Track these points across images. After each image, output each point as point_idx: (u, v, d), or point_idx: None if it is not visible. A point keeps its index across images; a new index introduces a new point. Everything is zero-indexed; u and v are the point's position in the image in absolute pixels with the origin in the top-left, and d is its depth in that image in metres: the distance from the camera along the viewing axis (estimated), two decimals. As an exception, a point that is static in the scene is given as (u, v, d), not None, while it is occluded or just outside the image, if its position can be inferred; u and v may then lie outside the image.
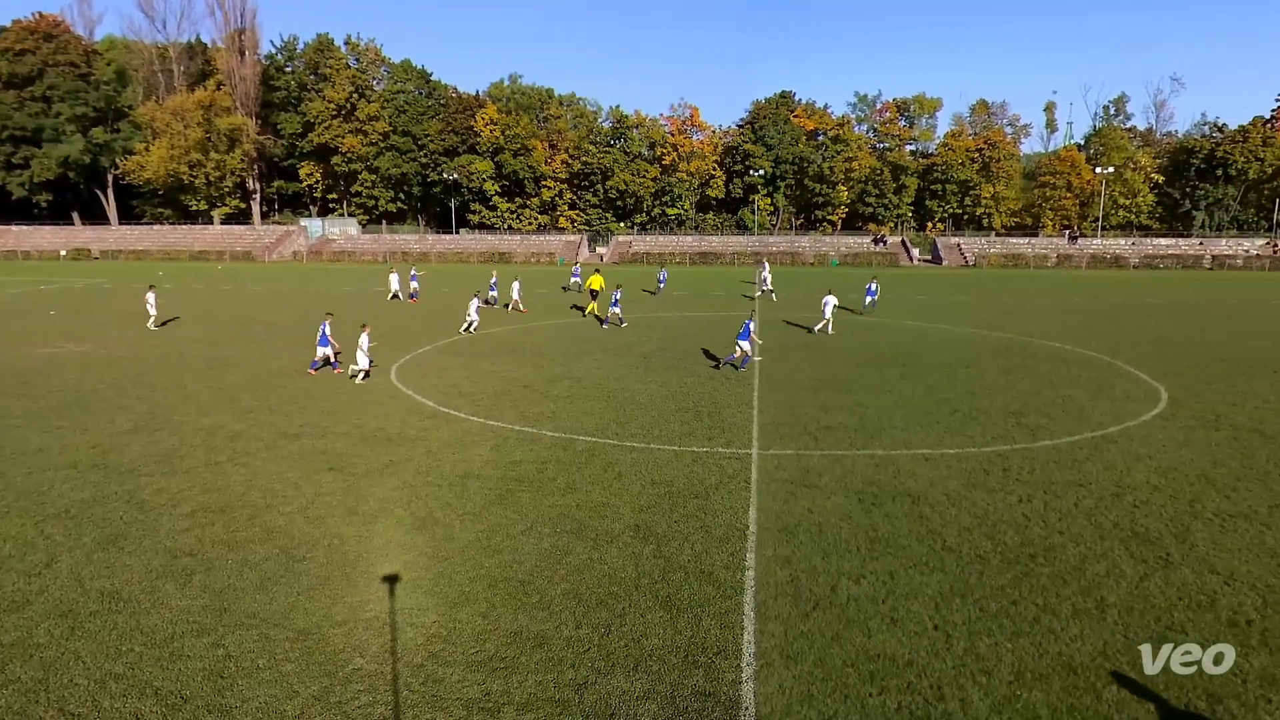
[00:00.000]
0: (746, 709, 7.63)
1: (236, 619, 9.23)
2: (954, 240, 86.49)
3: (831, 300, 31.84)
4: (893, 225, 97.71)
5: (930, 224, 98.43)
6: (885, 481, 13.81)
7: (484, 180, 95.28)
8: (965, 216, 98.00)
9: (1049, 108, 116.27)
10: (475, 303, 31.92)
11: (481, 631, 8.97)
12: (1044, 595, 9.74)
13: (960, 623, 9.10)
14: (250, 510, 12.48)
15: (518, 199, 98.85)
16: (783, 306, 41.08)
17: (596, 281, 37.94)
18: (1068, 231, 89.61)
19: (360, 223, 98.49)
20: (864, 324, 34.30)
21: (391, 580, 10.13)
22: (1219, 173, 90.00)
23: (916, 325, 33.87)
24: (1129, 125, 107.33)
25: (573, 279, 49.41)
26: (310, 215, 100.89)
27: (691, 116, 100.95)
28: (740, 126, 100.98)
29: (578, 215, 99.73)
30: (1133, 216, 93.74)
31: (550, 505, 12.68)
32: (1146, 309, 40.80)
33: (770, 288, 47.26)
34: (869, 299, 38.33)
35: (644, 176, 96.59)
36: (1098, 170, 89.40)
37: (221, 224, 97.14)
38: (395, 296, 44.28)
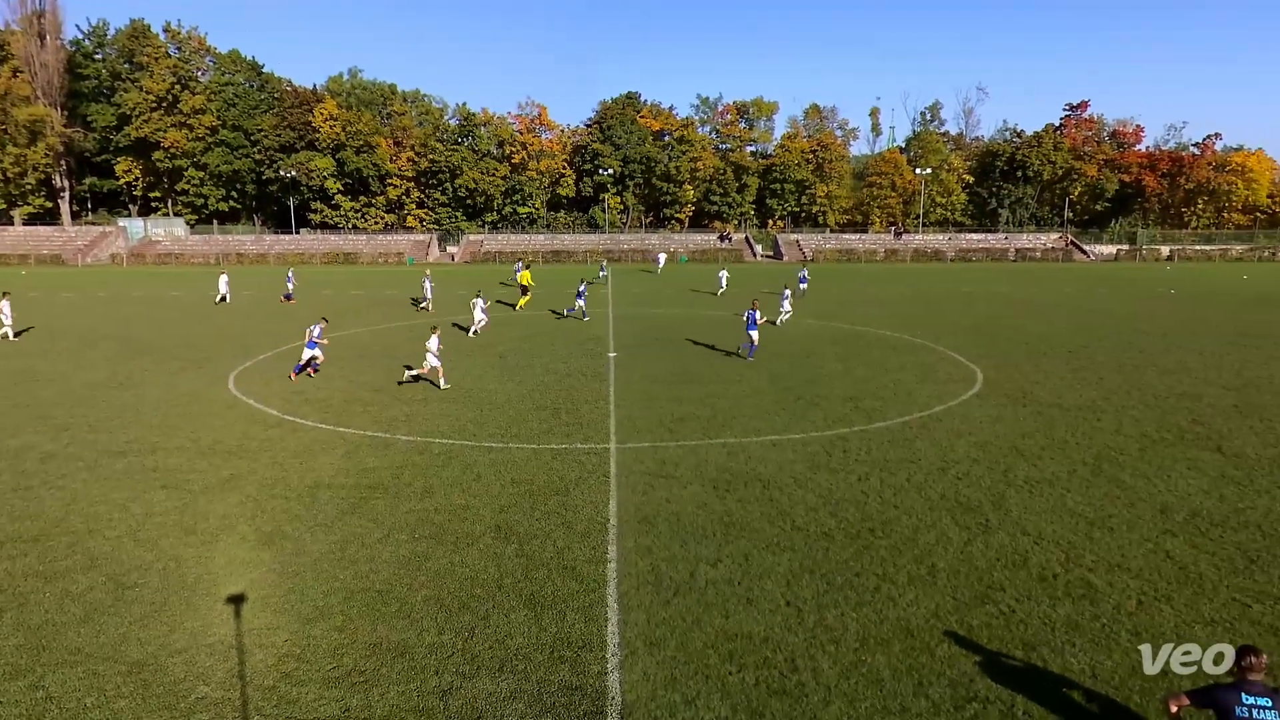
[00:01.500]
0: (613, 699, 7.71)
1: (58, 656, 8.37)
2: (793, 237, 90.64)
3: (789, 293, 33.47)
4: (737, 223, 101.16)
5: (771, 221, 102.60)
6: (737, 468, 14.30)
7: (325, 178, 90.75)
8: (803, 214, 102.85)
9: (874, 113, 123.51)
10: (480, 302, 30.71)
11: (338, 646, 8.58)
12: (883, 565, 10.41)
13: (810, 597, 9.57)
14: (70, 537, 11.34)
15: (362, 197, 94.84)
16: (655, 302, 41.62)
17: (525, 277, 39.70)
18: (893, 228, 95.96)
19: (188, 223, 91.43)
20: (714, 319, 35.32)
21: (237, 600, 9.50)
22: (1019, 174, 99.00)
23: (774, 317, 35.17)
24: (943, 130, 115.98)
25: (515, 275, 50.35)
26: (130, 215, 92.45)
27: (540, 115, 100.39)
28: (588, 126, 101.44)
29: (426, 214, 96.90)
30: (949, 214, 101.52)
31: (407, 511, 12.28)
32: (963, 298, 44.32)
33: (724, 288, 47.68)
34: (802, 285, 43.55)
35: (493, 175, 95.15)
36: (917, 171, 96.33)
37: (24, 225, 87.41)
38: (224, 300, 41.87)
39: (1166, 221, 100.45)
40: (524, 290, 38.88)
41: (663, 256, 70.79)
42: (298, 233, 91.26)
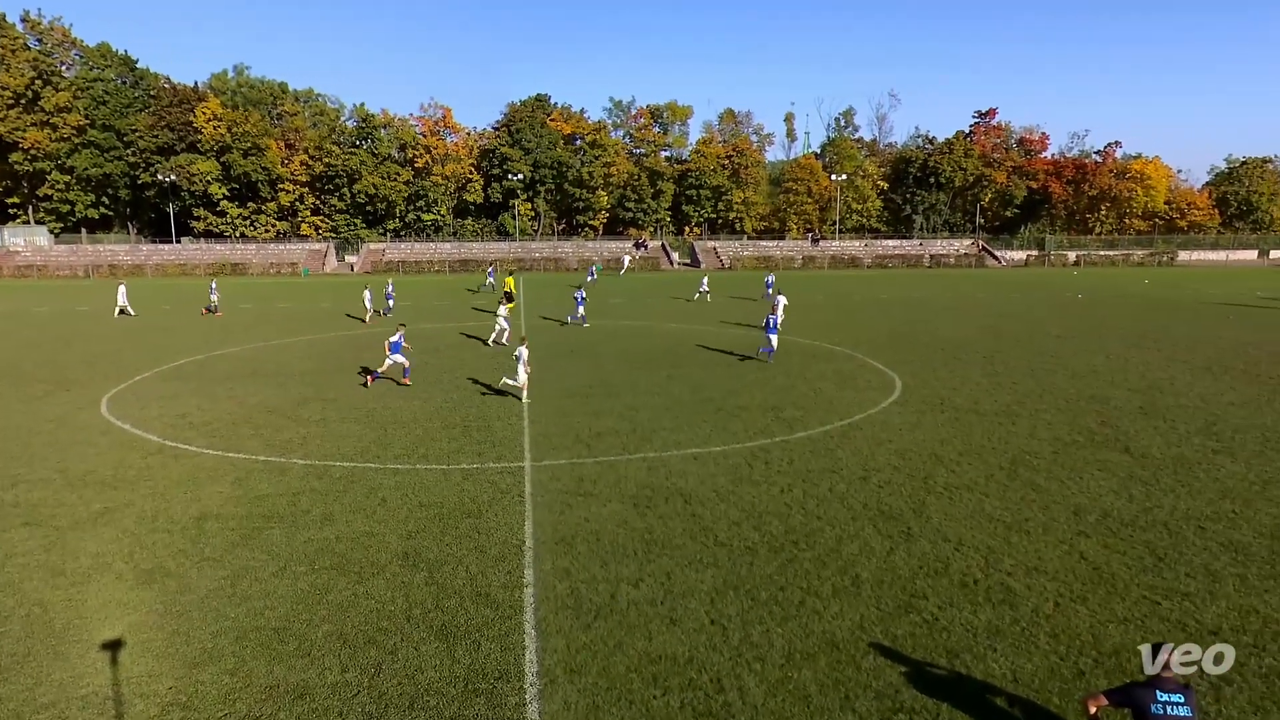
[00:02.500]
0: (532, 731, 7.60)
1: (-99, 720, 7.73)
2: (710, 244, 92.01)
3: (782, 300, 33.98)
4: (652, 230, 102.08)
5: (688, 228, 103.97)
6: (658, 483, 14.37)
7: (208, 183, 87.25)
8: (719, 221, 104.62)
9: (789, 118, 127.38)
10: (504, 309, 31.01)
11: (230, 691, 8.19)
12: (807, 578, 10.61)
13: (734, 614, 9.67)
14: (-85, 584, 10.50)
15: (251, 204, 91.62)
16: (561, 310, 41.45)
17: (510, 284, 41.91)
18: (810, 234, 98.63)
19: (52, 231, 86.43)
20: (631, 328, 35.47)
21: (113, 647, 8.97)
22: (932, 180, 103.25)
23: (680, 328, 35.57)
24: (857, 136, 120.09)
25: (488, 280, 54.83)
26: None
27: (444, 117, 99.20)
28: (496, 129, 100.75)
29: (322, 221, 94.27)
30: (864, 220, 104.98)
31: (306, 541, 11.86)
32: (880, 304, 45.83)
33: (706, 290, 49.25)
34: (770, 292, 45.39)
35: (395, 180, 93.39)
36: (833, 177, 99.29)
37: None
38: (124, 312, 40.27)
39: (1072, 227, 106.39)
40: (509, 297, 39.23)
41: (626, 259, 77.08)
42: (178, 242, 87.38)
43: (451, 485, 14.29)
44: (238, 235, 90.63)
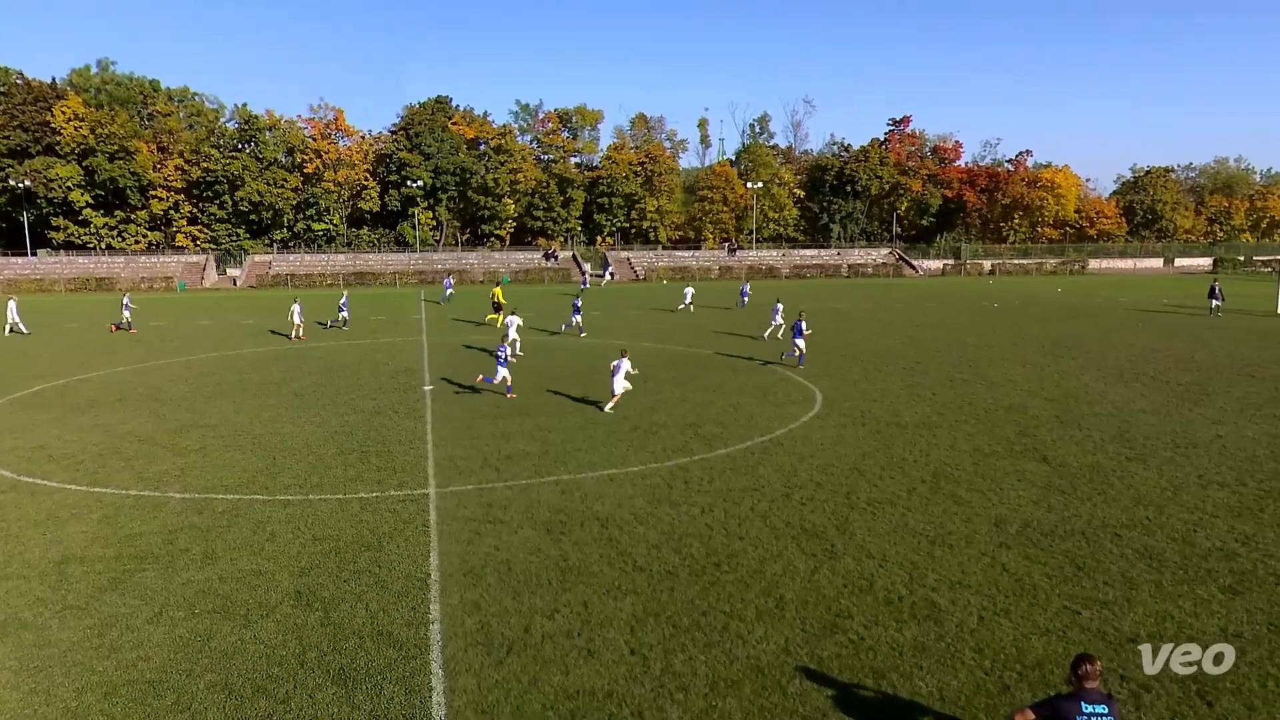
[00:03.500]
0: (441, 779, 7.42)
1: None
2: (624, 254, 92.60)
3: (780, 307, 36.73)
4: (563, 239, 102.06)
5: (600, 238, 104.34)
6: (573, 507, 14.30)
7: (69, 189, 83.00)
8: (633, 230, 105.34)
9: (702, 124, 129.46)
10: (515, 321, 31.29)
11: (98, 754, 7.73)
12: (730, 602, 10.71)
13: (655, 643, 9.68)
14: None
15: (119, 212, 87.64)
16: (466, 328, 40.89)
17: (498, 294, 44.29)
18: (727, 244, 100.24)
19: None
20: (545, 344, 35.30)
21: (-41, 711, 8.36)
22: (848, 189, 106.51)
23: (593, 342, 35.59)
24: (772, 143, 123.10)
25: (447, 291, 58.62)
26: None
27: (336, 120, 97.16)
28: (393, 133, 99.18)
29: (201, 232, 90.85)
30: (781, 229, 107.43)
31: (184, 583, 11.33)
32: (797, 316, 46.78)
33: (690, 301, 50.81)
34: (744, 299, 51.80)
35: (282, 186, 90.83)
36: (749, 185, 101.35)
37: None
38: (13, 330, 39.02)
39: (987, 236, 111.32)
40: (496, 308, 42.27)
41: (609, 273, 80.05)
42: (34, 254, 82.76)
43: (348, 516, 13.90)
44: (103, 247, 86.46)
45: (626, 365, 21.47)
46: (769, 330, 36.23)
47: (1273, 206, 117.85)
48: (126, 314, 41.50)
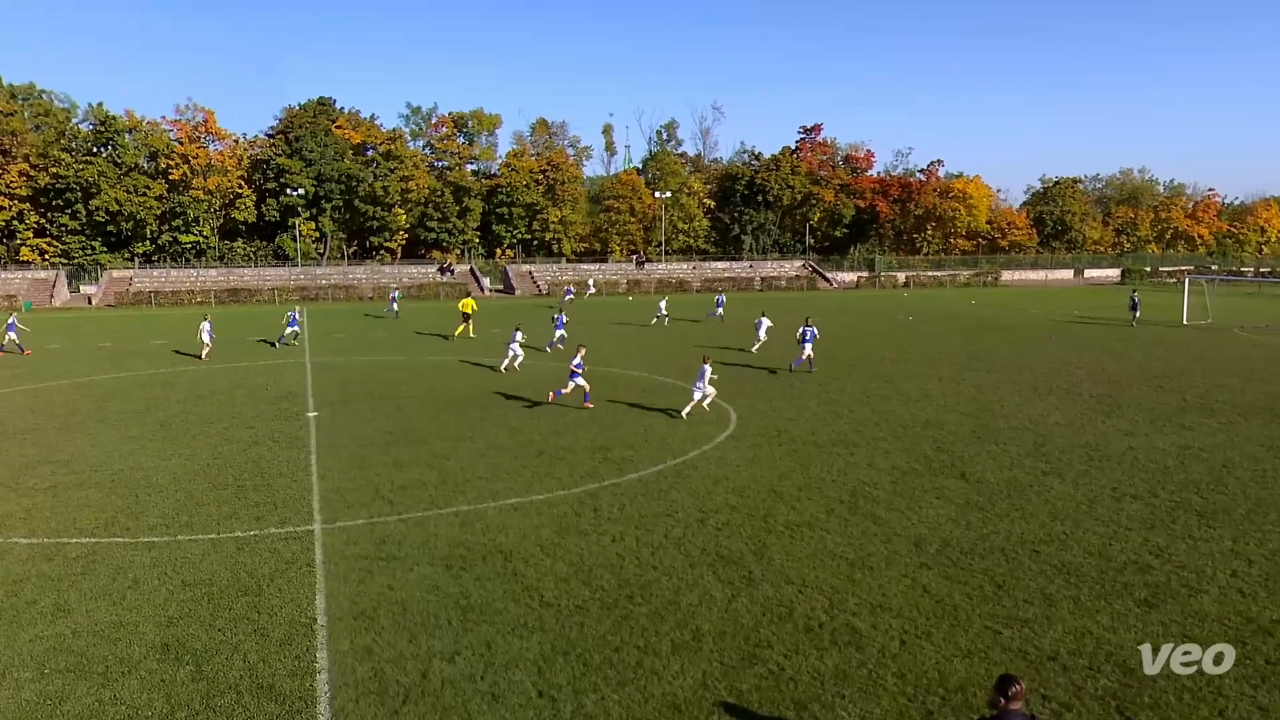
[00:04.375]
0: (330, 845, 7.17)
1: None
2: (525, 267, 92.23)
3: (765, 322, 38.35)
4: (460, 252, 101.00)
5: (499, 250, 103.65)
6: (474, 541, 14.09)
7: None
8: (535, 242, 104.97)
9: (607, 130, 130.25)
10: (519, 335, 33.03)
11: (-72, 840, 7.20)
12: (644, 636, 10.71)
13: (565, 683, 9.59)
14: None
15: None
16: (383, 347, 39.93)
17: (469, 305, 46.61)
18: (635, 256, 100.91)
19: None
20: (441, 364, 34.79)
21: None
22: (760, 199, 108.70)
23: (496, 361, 35.26)
24: (681, 151, 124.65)
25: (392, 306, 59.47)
26: None
27: (206, 121, 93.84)
28: (271, 137, 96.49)
29: (50, 245, 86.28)
30: (692, 241, 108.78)
31: (32, 639, 10.68)
32: (710, 331, 47.46)
33: (665, 314, 52.59)
34: (719, 310, 53.33)
35: (145, 194, 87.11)
36: (657, 195, 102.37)
37: None
38: None
39: (900, 248, 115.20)
40: (465, 318, 44.93)
41: (592, 283, 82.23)
42: None
43: (223, 558, 13.36)
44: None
45: (708, 370, 23.56)
46: (756, 345, 37.87)
47: (1175, 218, 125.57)
48: (11, 335, 39.31)
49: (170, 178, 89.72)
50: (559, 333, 39.39)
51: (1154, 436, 21.10)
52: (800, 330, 32.06)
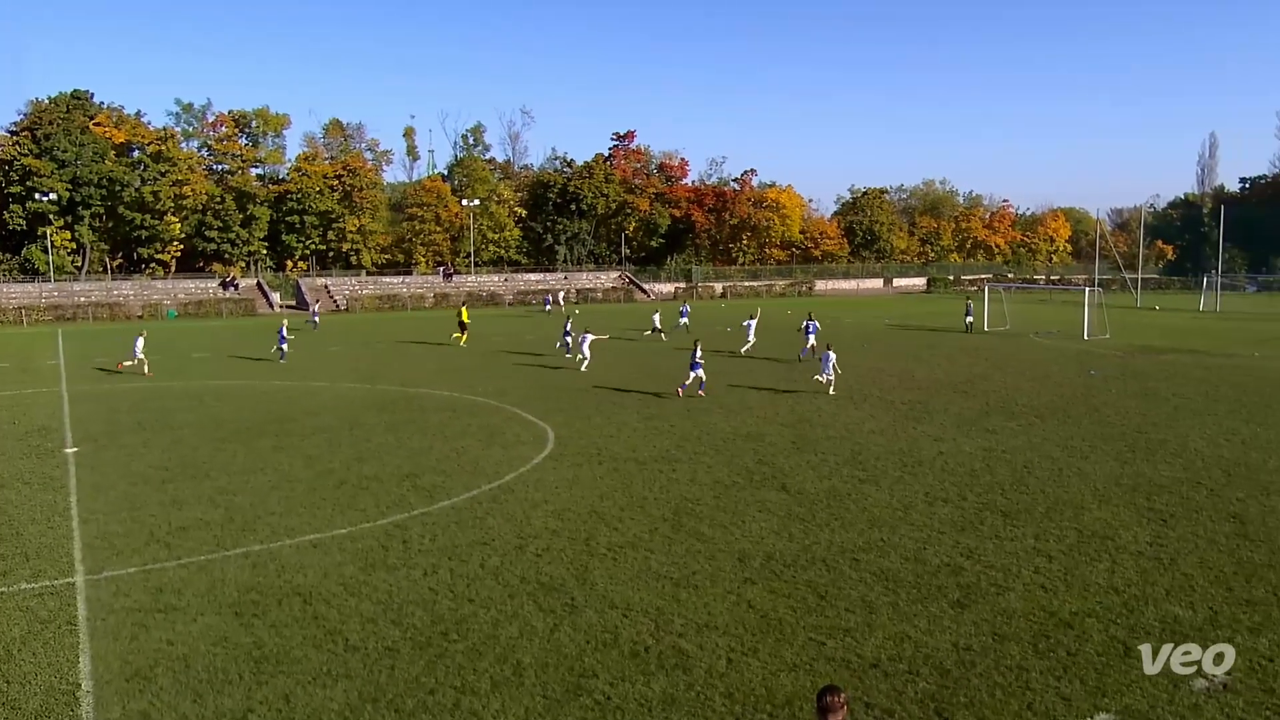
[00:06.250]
0: None
1: None
2: (320, 281, 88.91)
3: (753, 323, 42.68)
4: (244, 265, 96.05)
5: (291, 262, 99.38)
6: (268, 584, 13.40)
7: None
8: (331, 254, 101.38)
9: (409, 133, 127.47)
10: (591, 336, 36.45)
11: None
12: (461, 675, 10.50)
13: (375, 733, 9.26)
14: None
15: None
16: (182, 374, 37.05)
17: (464, 314, 49.89)
18: (442, 268, 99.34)
19: None
20: (225, 389, 32.91)
21: None
22: (573, 207, 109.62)
23: (287, 385, 33.76)
24: (489, 156, 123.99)
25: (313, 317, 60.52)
26: None
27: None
28: (14, 134, 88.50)
29: None
30: (503, 251, 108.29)
31: None
32: (526, 345, 47.36)
33: (660, 328, 52.78)
34: (683, 320, 55.77)
35: None
36: (464, 203, 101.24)
37: None
38: None
39: (717, 258, 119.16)
40: (462, 327, 48.17)
41: (561, 295, 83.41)
42: None
43: (-39, 622, 12.08)
44: None
45: (832, 355, 29.86)
46: (746, 346, 42.29)
47: (974, 228, 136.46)
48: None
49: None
50: (567, 339, 41.32)
51: (961, 440, 22.76)
52: (803, 324, 39.79)
